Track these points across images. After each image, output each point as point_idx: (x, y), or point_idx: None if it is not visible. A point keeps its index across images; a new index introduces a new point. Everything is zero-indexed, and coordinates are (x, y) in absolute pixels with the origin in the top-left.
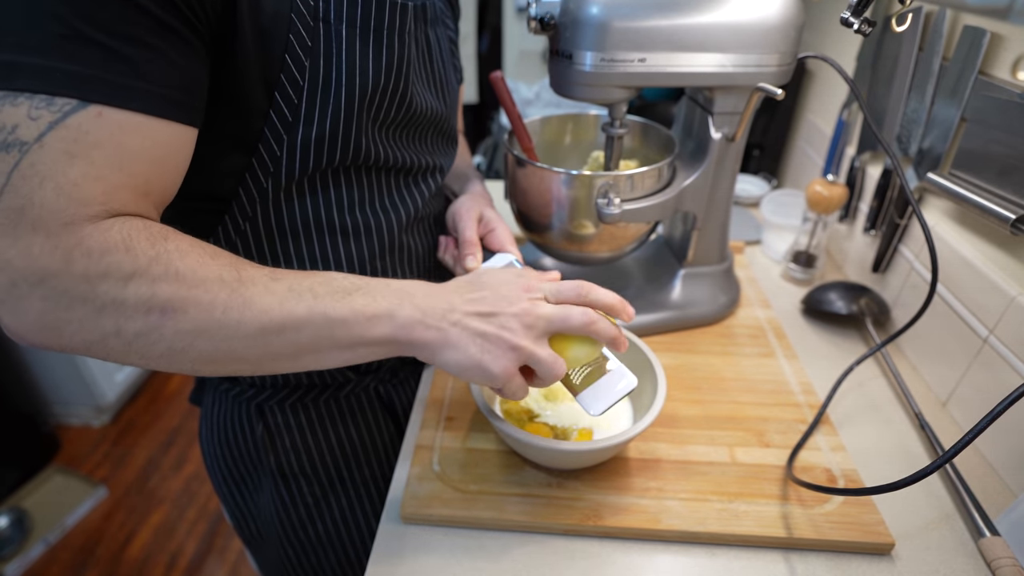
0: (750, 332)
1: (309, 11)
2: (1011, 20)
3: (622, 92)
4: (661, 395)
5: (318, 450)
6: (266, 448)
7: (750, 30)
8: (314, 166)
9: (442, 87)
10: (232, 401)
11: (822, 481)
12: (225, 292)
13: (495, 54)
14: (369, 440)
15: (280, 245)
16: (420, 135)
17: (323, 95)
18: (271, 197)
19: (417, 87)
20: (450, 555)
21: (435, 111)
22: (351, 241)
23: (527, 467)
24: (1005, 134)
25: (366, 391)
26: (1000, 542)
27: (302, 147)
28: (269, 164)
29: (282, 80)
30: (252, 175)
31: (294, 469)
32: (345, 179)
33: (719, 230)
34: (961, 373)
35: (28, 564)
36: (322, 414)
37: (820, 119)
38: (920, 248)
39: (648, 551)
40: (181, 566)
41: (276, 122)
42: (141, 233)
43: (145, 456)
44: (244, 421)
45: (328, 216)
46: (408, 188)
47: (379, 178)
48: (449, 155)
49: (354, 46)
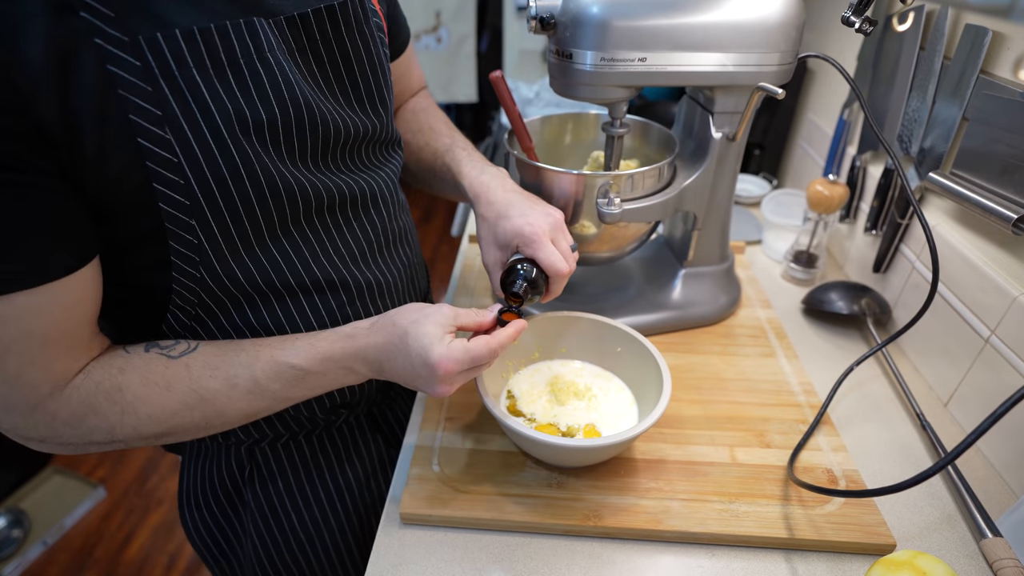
0: (751, 332)
1: (140, 75)
2: (1013, 19)
3: (622, 92)
4: (666, 394)
5: (310, 484)
6: (254, 490)
7: (751, 29)
8: (239, 234)
9: (371, 98)
10: (219, 448)
11: (823, 481)
12: (198, 415)
13: (495, 54)
14: (361, 467)
15: (239, 319)
16: (351, 156)
17: (206, 157)
18: (210, 281)
19: (326, 107)
20: (450, 556)
21: (363, 128)
22: (314, 297)
23: (527, 467)
24: (1007, 133)
25: (357, 420)
26: (1002, 543)
27: (216, 221)
28: (191, 254)
29: (151, 168)
30: (179, 270)
31: (286, 506)
32: (285, 236)
33: (720, 230)
34: (962, 373)
35: (26, 565)
36: (315, 449)
37: (821, 119)
38: (921, 248)
39: (649, 551)
40: (180, 567)
41: (174, 212)
42: (97, 395)
43: (144, 456)
44: (233, 465)
45: (281, 278)
46: (359, 221)
47: (322, 221)
48: (394, 161)
49: (215, 87)
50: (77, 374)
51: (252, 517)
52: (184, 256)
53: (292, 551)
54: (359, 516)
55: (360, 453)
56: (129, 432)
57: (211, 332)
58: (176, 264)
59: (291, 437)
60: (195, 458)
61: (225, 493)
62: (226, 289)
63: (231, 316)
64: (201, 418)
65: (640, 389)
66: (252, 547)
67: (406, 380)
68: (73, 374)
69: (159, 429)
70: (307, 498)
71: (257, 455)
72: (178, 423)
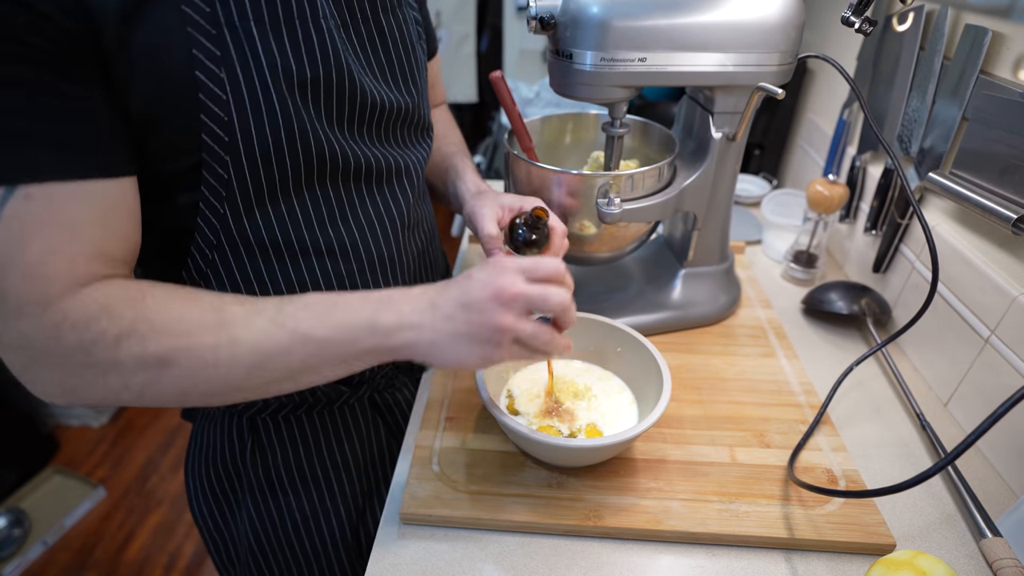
0: (751, 332)
1: (208, 19)
2: (1013, 19)
3: (622, 92)
4: (666, 393)
5: (309, 463)
6: (255, 462)
7: (751, 29)
8: (268, 181)
9: (405, 78)
10: (224, 415)
11: (823, 481)
12: (211, 336)
13: (495, 54)
14: (360, 449)
15: (253, 273)
16: (386, 131)
17: (251, 102)
18: (232, 223)
19: (366, 79)
20: (450, 556)
21: (397, 104)
22: (326, 261)
23: (527, 467)
24: (1006, 134)
25: (360, 401)
26: (1002, 543)
27: (249, 162)
28: (220, 189)
29: (202, 100)
30: (207, 204)
31: (284, 482)
32: (309, 193)
33: (720, 230)
34: (962, 373)
35: (26, 565)
36: (315, 424)
37: (821, 119)
38: (921, 248)
39: (649, 551)
40: (180, 567)
41: (213, 145)
42: (118, 295)
43: (144, 457)
44: (235, 434)
45: (298, 236)
46: (383, 195)
47: (347, 187)
48: (424, 147)
49: (268, 41)
50: (101, 280)
51: (250, 490)
52: (213, 189)
53: (287, 531)
54: (356, 505)
55: (361, 436)
56: (136, 349)
57: (223, 286)
58: (204, 196)
59: (292, 410)
60: (204, 424)
61: (224, 465)
62: (244, 235)
63: (244, 268)
64: (212, 345)
65: (640, 389)
66: (248, 522)
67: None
68: (95, 279)
69: (165, 347)
70: (304, 476)
71: (259, 425)
72: (188, 345)
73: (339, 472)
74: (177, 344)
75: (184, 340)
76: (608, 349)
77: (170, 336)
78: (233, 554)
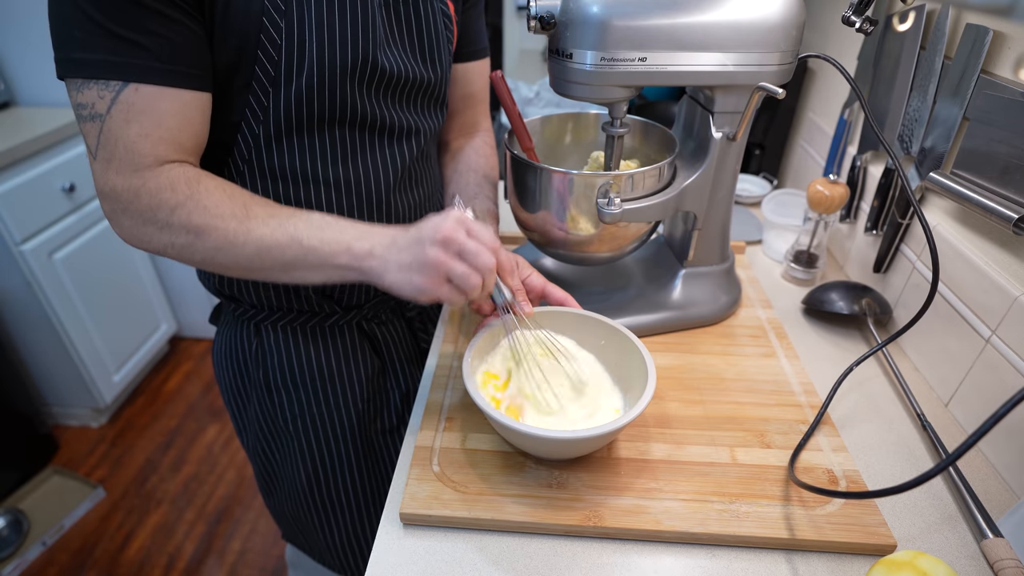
0: (751, 332)
1: None
2: (1014, 19)
3: (622, 91)
4: (651, 381)
5: (299, 368)
6: (257, 362)
7: (751, 29)
8: (297, 119)
9: (430, 55)
10: (236, 320)
11: (824, 482)
12: (234, 223)
13: (495, 53)
14: (347, 366)
15: (272, 190)
16: (408, 98)
17: (299, 54)
18: (263, 144)
19: (396, 52)
20: (450, 556)
21: (420, 77)
22: (332, 193)
23: (527, 468)
24: (1007, 133)
25: (349, 324)
26: (1003, 543)
27: (285, 101)
28: (260, 114)
29: (262, 40)
30: (247, 124)
31: (279, 384)
32: (330, 134)
33: (720, 230)
34: (963, 373)
35: (25, 565)
36: (307, 336)
37: (821, 118)
38: (922, 248)
39: (649, 552)
40: (179, 567)
41: (262, 77)
42: (181, 177)
43: (143, 457)
44: (244, 337)
45: (314, 167)
46: (391, 148)
47: (363, 136)
48: (436, 117)
49: (322, 10)
50: (174, 163)
51: (255, 387)
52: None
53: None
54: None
55: (347, 354)
56: (184, 218)
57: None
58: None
59: (291, 320)
60: (223, 329)
61: (236, 364)
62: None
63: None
64: (234, 230)
65: (627, 383)
66: (254, 416)
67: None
68: (171, 161)
69: (203, 221)
70: (295, 380)
71: (263, 331)
72: (218, 225)
73: (325, 382)
74: (211, 223)
75: (218, 221)
76: (591, 343)
77: (208, 216)
78: (247, 441)
